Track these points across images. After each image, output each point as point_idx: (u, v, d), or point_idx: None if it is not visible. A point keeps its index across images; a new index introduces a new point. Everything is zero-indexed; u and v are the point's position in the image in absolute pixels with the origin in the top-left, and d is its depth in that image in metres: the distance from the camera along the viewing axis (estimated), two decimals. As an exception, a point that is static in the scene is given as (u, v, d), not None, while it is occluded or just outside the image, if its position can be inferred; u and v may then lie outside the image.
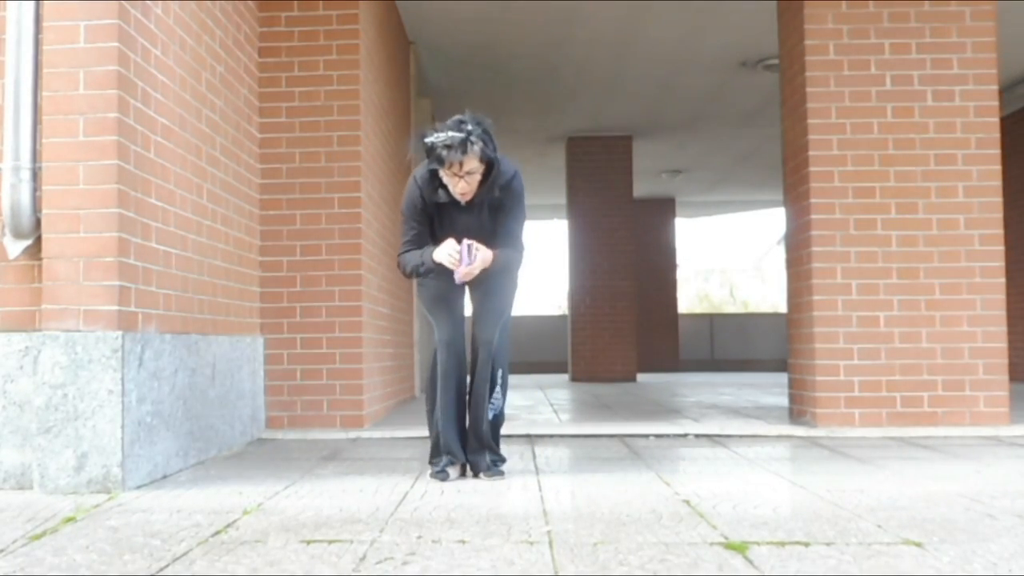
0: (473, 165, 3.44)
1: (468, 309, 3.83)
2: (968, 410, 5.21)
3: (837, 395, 5.22)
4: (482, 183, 3.54)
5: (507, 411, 3.78)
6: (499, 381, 3.73)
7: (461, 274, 3.49)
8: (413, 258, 3.63)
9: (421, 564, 2.20)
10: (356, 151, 5.33)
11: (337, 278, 5.29)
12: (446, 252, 3.50)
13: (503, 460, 3.71)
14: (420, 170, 3.62)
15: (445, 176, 3.48)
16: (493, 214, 3.63)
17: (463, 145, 3.39)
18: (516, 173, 3.63)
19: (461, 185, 3.48)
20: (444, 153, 3.40)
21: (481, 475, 3.60)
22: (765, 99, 9.61)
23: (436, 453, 3.65)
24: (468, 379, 3.77)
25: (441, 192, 3.56)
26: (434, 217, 3.65)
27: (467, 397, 3.76)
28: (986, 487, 3.26)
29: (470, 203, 3.59)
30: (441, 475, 3.56)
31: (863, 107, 5.32)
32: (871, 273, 5.27)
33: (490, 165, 3.51)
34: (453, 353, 3.66)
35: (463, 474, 3.63)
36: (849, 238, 5.28)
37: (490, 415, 3.71)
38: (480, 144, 3.42)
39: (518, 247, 3.70)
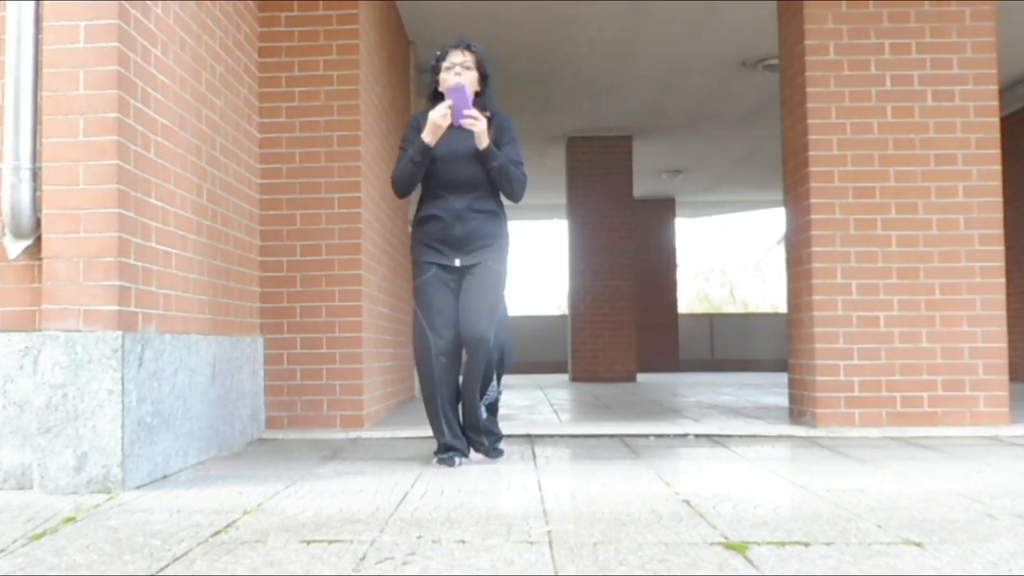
0: (470, 62, 3.87)
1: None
2: (968, 410, 5.21)
3: (837, 395, 5.22)
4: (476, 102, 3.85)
5: (507, 411, 3.95)
6: (495, 370, 3.93)
7: (465, 117, 3.74)
8: (405, 162, 3.85)
9: (421, 564, 2.20)
10: (356, 151, 5.33)
11: (337, 278, 5.29)
12: (438, 114, 3.75)
13: (501, 437, 4.03)
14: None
15: (443, 74, 3.86)
16: None
17: (465, 43, 3.90)
18: (508, 117, 4.02)
19: (452, 75, 3.83)
20: (449, 45, 3.88)
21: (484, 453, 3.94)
22: (765, 99, 9.61)
23: (443, 450, 3.90)
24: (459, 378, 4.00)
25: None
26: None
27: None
28: (986, 487, 3.26)
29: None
30: (448, 461, 3.82)
31: (863, 107, 5.32)
32: (871, 273, 5.27)
33: (484, 80, 3.92)
34: (451, 358, 3.87)
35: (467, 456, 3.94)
36: (849, 238, 5.28)
37: (486, 403, 3.96)
38: (479, 52, 3.90)
39: (521, 168, 3.96)
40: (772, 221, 30.44)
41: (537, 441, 4.79)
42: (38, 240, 3.37)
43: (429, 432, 4.89)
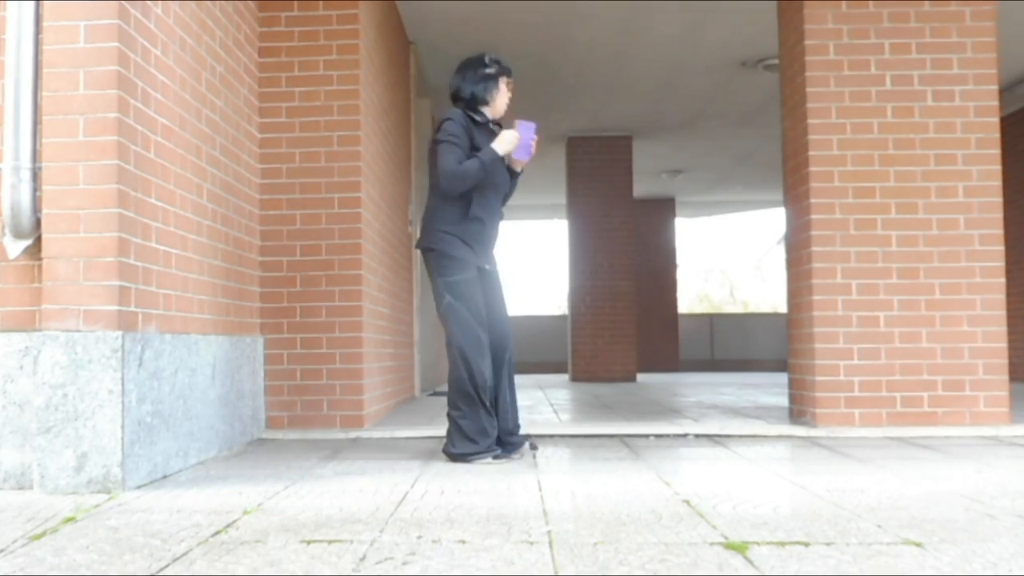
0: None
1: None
2: (968, 410, 5.21)
3: (837, 395, 5.22)
4: None
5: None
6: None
7: (530, 148, 4.16)
8: (474, 163, 4.02)
9: (421, 564, 2.20)
10: (356, 151, 5.33)
11: (337, 278, 5.29)
12: (511, 136, 4.11)
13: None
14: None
15: (505, 86, 4.28)
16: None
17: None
18: None
19: (506, 101, 4.29)
20: (508, 65, 4.32)
21: (519, 453, 4.09)
22: (765, 99, 9.61)
23: (492, 448, 3.99)
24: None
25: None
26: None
27: (494, 399, 4.12)
28: (986, 487, 3.27)
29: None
30: (506, 454, 4.01)
31: (863, 107, 5.32)
32: (871, 273, 5.27)
33: None
34: (490, 359, 4.06)
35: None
36: (849, 238, 5.28)
37: (521, 420, 4.25)
38: None
39: None
40: (772, 221, 30.45)
41: (537, 441, 4.78)
42: (38, 240, 3.37)
43: (429, 432, 4.91)
